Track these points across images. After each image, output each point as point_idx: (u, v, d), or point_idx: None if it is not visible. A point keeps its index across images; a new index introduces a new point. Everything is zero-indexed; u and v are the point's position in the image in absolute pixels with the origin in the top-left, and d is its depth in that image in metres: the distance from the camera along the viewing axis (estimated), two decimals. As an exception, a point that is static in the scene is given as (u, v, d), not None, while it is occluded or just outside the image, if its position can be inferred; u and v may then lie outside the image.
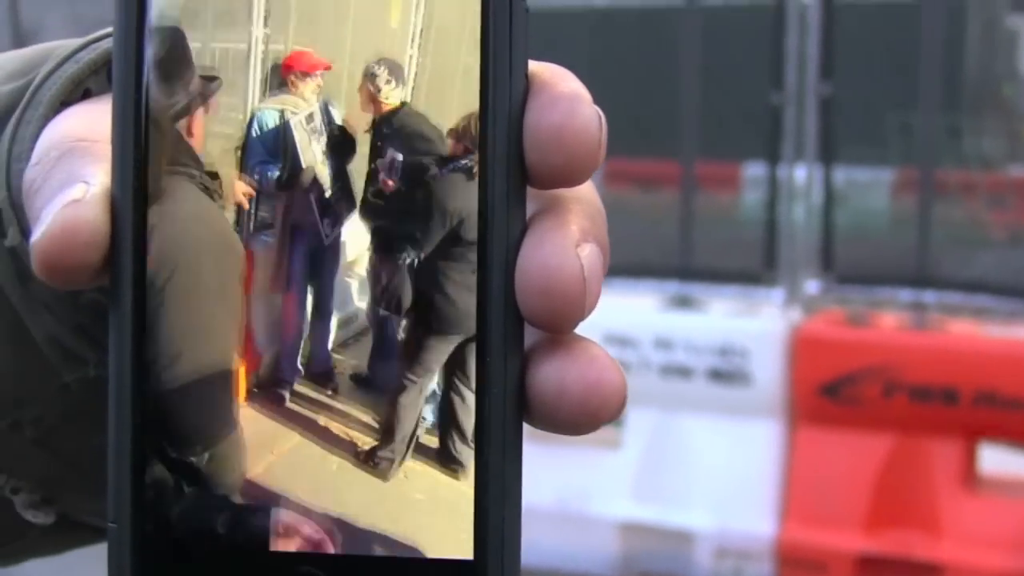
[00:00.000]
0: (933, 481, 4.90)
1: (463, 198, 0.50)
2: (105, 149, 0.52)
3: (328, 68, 0.55)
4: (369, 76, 0.53)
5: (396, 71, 0.53)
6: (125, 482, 0.50)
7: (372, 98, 0.54)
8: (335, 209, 0.53)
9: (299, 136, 0.54)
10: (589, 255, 0.49)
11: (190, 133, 0.53)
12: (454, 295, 0.51)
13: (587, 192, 0.53)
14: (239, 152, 0.53)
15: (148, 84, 0.51)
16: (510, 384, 0.49)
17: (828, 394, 5.03)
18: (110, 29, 0.54)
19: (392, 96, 0.53)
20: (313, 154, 0.53)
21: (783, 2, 5.72)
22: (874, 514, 4.92)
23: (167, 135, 0.52)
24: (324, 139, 0.53)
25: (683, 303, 5.75)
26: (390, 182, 0.52)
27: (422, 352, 0.52)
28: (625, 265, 5.88)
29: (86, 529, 0.69)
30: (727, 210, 7.95)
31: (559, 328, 0.50)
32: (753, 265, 5.86)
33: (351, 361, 0.53)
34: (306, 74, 0.55)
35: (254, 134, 0.53)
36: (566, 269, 0.49)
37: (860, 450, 4.96)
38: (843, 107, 5.80)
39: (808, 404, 5.09)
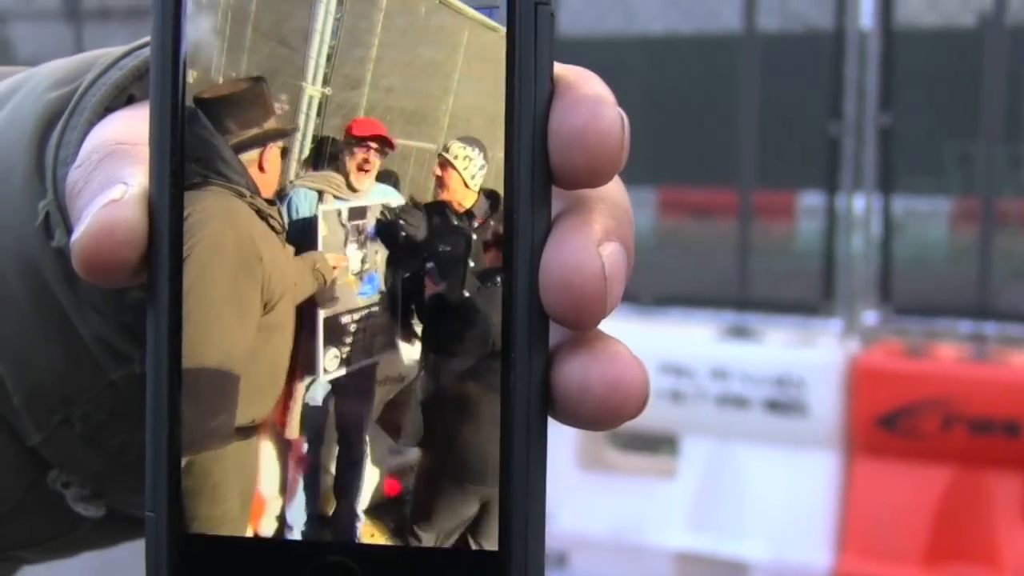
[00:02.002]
0: (992, 514, 4.84)
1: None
2: (144, 152, 0.53)
3: (390, 143, 0.55)
4: (456, 157, 0.54)
5: (483, 151, 0.53)
6: (162, 472, 0.51)
7: (449, 185, 0.54)
8: (358, 342, 0.55)
9: (326, 232, 0.55)
10: (611, 254, 0.50)
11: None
12: (474, 433, 0.52)
13: (613, 192, 0.54)
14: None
15: (185, 88, 0.52)
16: (535, 380, 0.50)
17: (886, 426, 4.98)
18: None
19: (477, 183, 0.53)
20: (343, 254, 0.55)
21: (842, 29, 5.70)
22: (932, 547, 4.87)
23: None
24: (369, 241, 0.55)
25: (740, 333, 5.72)
26: (435, 288, 0.53)
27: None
28: (681, 295, 5.86)
29: (135, 523, 0.71)
30: (782, 239, 7.91)
31: (581, 325, 0.51)
32: (810, 295, 5.83)
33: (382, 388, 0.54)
34: (361, 143, 0.55)
35: (284, 213, 0.55)
36: (587, 267, 0.50)
37: (918, 482, 4.91)
38: (902, 136, 5.76)
39: (865, 436, 5.05)
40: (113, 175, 0.53)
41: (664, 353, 5.32)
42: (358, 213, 0.55)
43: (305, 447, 0.55)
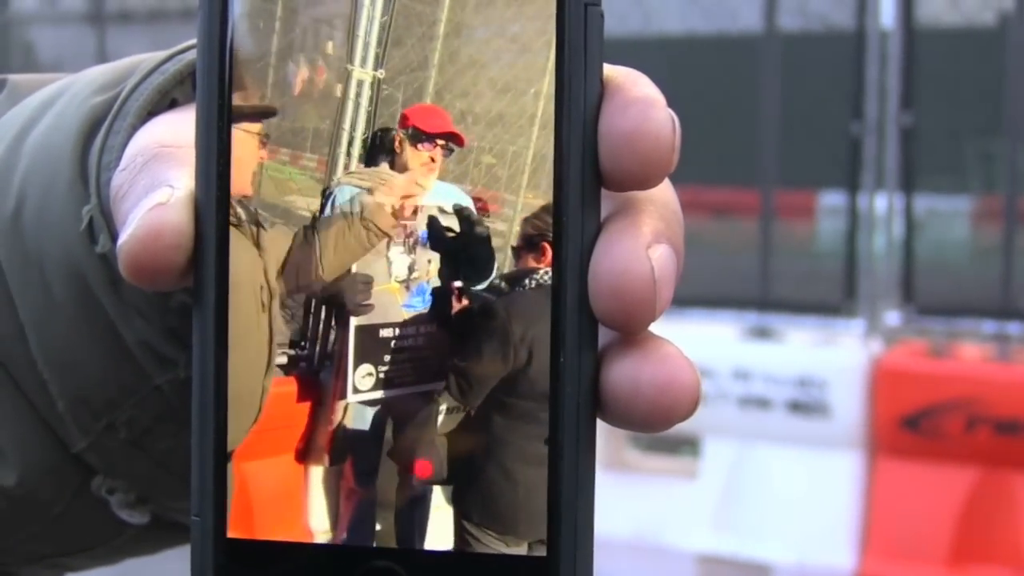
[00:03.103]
0: (1017, 515, 4.81)
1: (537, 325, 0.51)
2: (189, 154, 0.53)
3: (459, 140, 0.54)
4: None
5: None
6: (208, 476, 0.51)
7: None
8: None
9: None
10: (660, 256, 0.50)
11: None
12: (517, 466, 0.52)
13: (663, 194, 0.54)
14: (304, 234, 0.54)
15: (231, 89, 0.52)
16: (584, 383, 0.50)
17: (909, 427, 4.96)
18: (194, 40, 0.55)
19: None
20: (396, 271, 0.54)
21: (863, 28, 5.68)
22: (956, 549, 4.85)
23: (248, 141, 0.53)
24: (420, 247, 0.54)
25: (762, 334, 5.71)
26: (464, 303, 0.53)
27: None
28: (702, 295, 5.85)
29: (179, 529, 0.71)
30: (803, 239, 7.89)
31: (631, 329, 0.50)
32: (832, 296, 5.81)
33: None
34: (427, 138, 0.54)
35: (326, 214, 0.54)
36: (636, 271, 0.49)
37: (942, 483, 4.89)
38: (923, 135, 5.74)
39: (889, 437, 5.03)
40: (158, 178, 0.53)
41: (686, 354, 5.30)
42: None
43: (349, 459, 0.54)
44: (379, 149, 0.54)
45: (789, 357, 5.39)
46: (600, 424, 0.52)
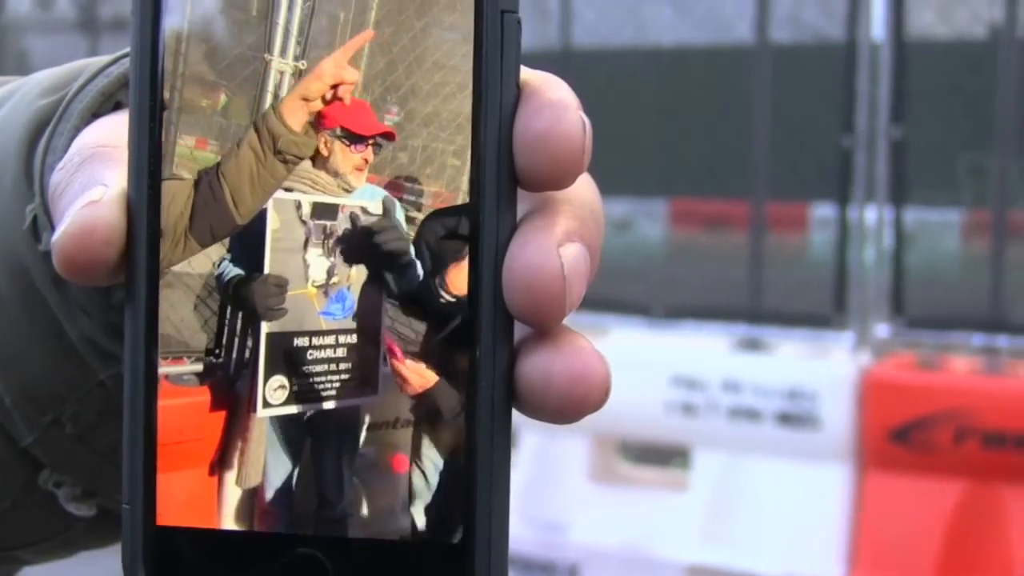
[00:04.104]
0: (1006, 528, 4.82)
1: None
2: (125, 154, 0.54)
3: (392, 136, 0.55)
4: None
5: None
6: (138, 466, 0.53)
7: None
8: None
9: (277, 226, 0.54)
10: (571, 254, 0.51)
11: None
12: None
13: (580, 194, 0.55)
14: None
15: (162, 91, 0.53)
16: (499, 375, 0.52)
17: (898, 439, 4.97)
18: None
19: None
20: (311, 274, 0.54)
21: (854, 41, 5.69)
22: (945, 561, 4.85)
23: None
24: (339, 249, 0.54)
25: (752, 346, 5.71)
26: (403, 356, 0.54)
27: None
28: (693, 307, 5.85)
29: None
30: (794, 251, 7.89)
31: (543, 324, 0.52)
32: (822, 308, 5.81)
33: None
34: (360, 140, 0.55)
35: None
36: (547, 268, 0.51)
37: (931, 496, 4.89)
38: (914, 148, 5.75)
39: (878, 449, 5.03)
40: (93, 177, 0.54)
41: (676, 366, 5.31)
42: (326, 211, 0.54)
43: (262, 481, 0.55)
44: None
45: (779, 369, 5.40)
46: (587, 436, 0.53)
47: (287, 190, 0.53)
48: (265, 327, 0.54)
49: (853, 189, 5.71)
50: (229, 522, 0.54)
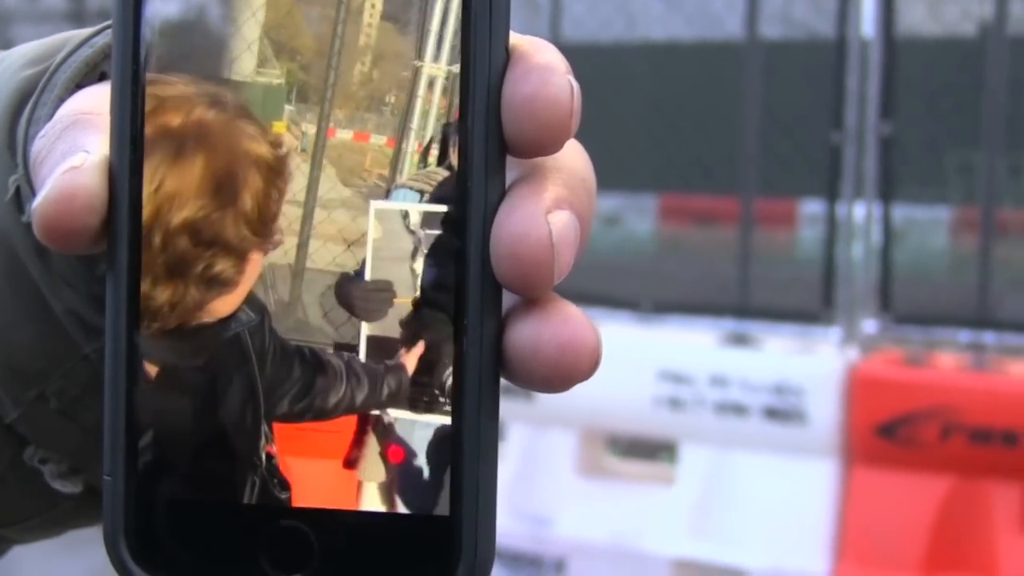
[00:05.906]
0: (992, 524, 4.83)
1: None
2: (107, 121, 0.54)
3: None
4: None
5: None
6: (119, 436, 0.52)
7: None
8: None
9: (378, 235, 0.54)
10: (559, 221, 0.51)
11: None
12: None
13: (570, 160, 0.55)
14: None
15: (145, 56, 0.53)
16: (487, 344, 0.51)
17: (885, 435, 4.98)
18: None
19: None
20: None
21: (844, 37, 5.69)
22: (931, 557, 4.86)
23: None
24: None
25: (739, 341, 5.72)
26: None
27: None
28: (681, 302, 5.86)
29: None
30: (783, 247, 7.90)
31: (531, 292, 0.52)
32: (810, 303, 5.82)
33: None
34: None
35: None
36: (534, 235, 0.50)
37: (917, 492, 4.90)
38: (903, 145, 5.76)
39: (864, 444, 5.04)
40: (75, 144, 0.54)
41: (663, 360, 5.31)
42: (435, 221, 0.54)
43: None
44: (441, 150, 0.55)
45: (766, 364, 5.40)
46: (575, 430, 0.53)
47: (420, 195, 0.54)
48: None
49: (842, 185, 5.72)
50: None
